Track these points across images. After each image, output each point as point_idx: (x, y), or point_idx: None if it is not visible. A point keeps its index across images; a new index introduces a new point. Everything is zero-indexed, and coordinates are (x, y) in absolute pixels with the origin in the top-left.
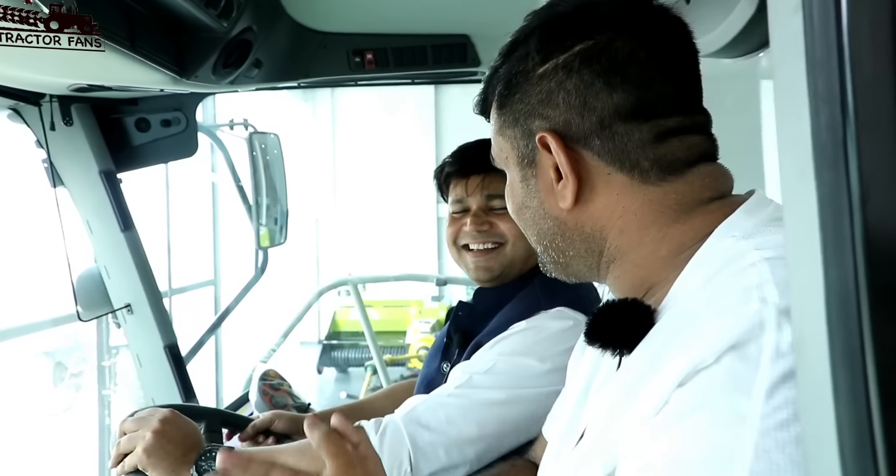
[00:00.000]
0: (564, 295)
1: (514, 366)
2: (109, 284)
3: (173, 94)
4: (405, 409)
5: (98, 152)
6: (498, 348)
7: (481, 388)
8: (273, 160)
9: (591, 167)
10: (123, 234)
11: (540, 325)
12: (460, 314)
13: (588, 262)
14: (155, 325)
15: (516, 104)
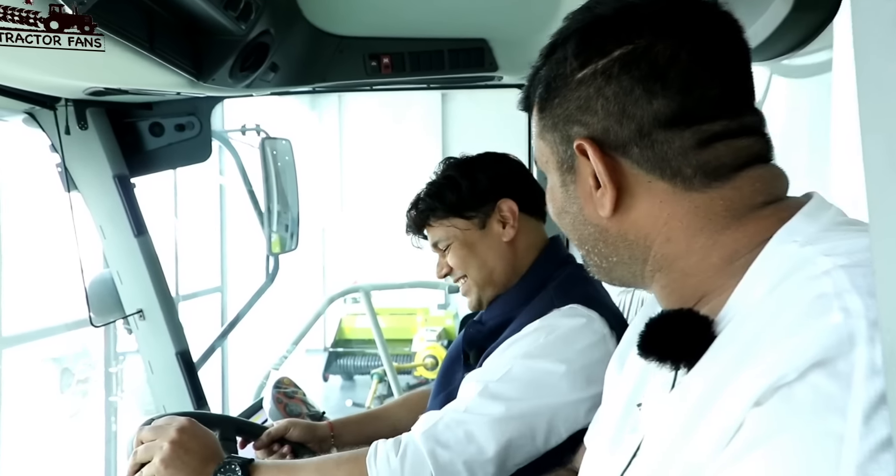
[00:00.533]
0: (577, 292)
1: (530, 370)
2: (122, 290)
3: (187, 99)
4: (423, 426)
5: (112, 157)
6: (512, 351)
7: (498, 400)
8: (285, 166)
9: (631, 175)
10: (136, 240)
11: (553, 324)
12: (471, 332)
13: (632, 269)
14: (167, 332)
15: (555, 109)
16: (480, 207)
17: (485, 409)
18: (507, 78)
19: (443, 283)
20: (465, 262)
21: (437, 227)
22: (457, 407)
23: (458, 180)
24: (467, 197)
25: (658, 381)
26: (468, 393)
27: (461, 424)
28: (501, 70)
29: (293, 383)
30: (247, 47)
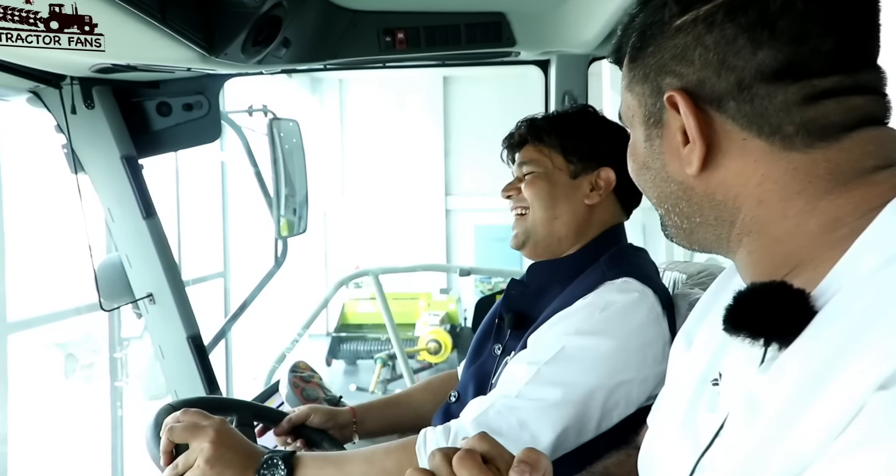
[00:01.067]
0: (629, 266)
1: (583, 349)
2: (131, 273)
3: (195, 77)
4: (473, 412)
5: (119, 137)
6: (562, 327)
7: (553, 384)
8: (293, 148)
9: (724, 131)
10: (145, 222)
11: (606, 299)
12: (513, 293)
13: (717, 231)
14: (178, 315)
15: (648, 58)
16: (585, 161)
17: (538, 393)
18: (525, 53)
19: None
20: (538, 196)
21: (536, 151)
22: (507, 392)
23: (587, 127)
24: (583, 145)
25: (740, 358)
26: (518, 376)
27: (513, 411)
28: (519, 45)
29: (309, 367)
30: (259, 20)
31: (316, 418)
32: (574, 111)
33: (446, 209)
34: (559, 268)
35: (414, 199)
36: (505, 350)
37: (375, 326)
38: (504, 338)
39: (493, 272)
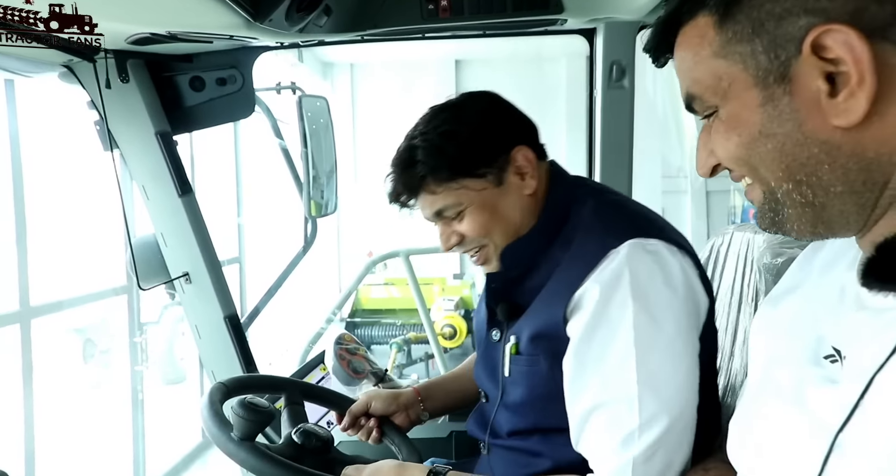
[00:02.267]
0: (624, 223)
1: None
2: (167, 252)
3: (229, 51)
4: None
5: (154, 112)
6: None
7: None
8: (321, 126)
9: (888, 67)
10: (181, 200)
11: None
12: (494, 287)
13: (862, 199)
14: (214, 295)
15: (754, 10)
16: (493, 161)
17: (658, 426)
18: (572, 21)
19: None
20: (488, 227)
21: (443, 193)
22: (628, 440)
23: (457, 132)
24: (476, 150)
25: (868, 327)
26: (624, 417)
27: (653, 457)
28: (567, 12)
29: (354, 339)
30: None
31: (378, 405)
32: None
33: None
34: (530, 242)
35: None
36: (504, 336)
37: (389, 311)
38: (501, 325)
39: None
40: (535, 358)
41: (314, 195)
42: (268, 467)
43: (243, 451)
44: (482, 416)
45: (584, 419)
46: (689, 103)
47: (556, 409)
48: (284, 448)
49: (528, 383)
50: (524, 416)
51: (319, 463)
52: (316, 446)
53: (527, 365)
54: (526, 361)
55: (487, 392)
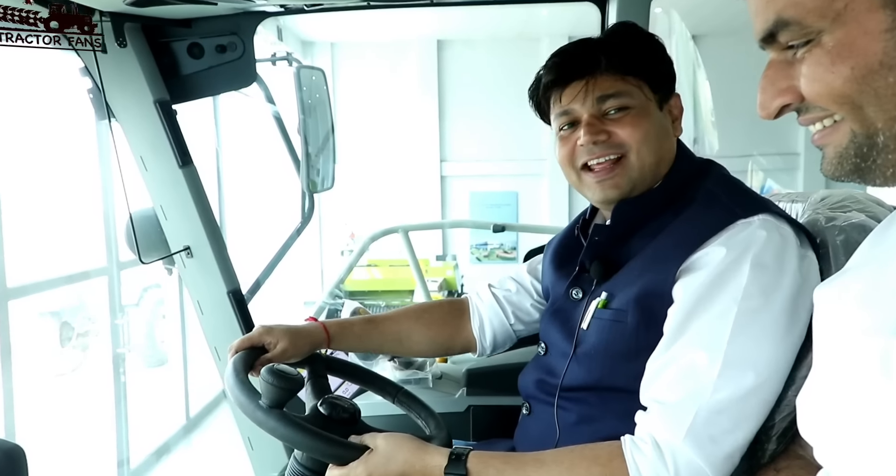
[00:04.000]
0: (757, 200)
1: (755, 315)
2: (167, 226)
3: (229, 16)
4: (676, 427)
5: (152, 79)
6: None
7: (741, 368)
8: (318, 99)
9: None
10: (181, 171)
11: (753, 246)
12: (597, 240)
13: None
14: (217, 269)
15: None
16: (667, 87)
17: (735, 385)
18: None
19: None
20: (646, 136)
21: (623, 81)
22: (701, 392)
23: (657, 47)
24: (663, 70)
25: None
26: (702, 368)
27: (721, 414)
28: None
29: (368, 313)
30: None
31: (284, 345)
32: (627, 29)
33: (441, 175)
34: (648, 201)
35: (409, 165)
36: (588, 298)
37: (372, 293)
38: (585, 284)
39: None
40: (623, 313)
41: (313, 169)
42: (298, 435)
43: (273, 418)
44: (538, 369)
45: (662, 367)
46: (774, 33)
47: (625, 368)
48: (311, 418)
49: (607, 337)
50: (590, 371)
51: (346, 434)
52: (343, 418)
53: (611, 318)
54: (612, 315)
55: (554, 345)
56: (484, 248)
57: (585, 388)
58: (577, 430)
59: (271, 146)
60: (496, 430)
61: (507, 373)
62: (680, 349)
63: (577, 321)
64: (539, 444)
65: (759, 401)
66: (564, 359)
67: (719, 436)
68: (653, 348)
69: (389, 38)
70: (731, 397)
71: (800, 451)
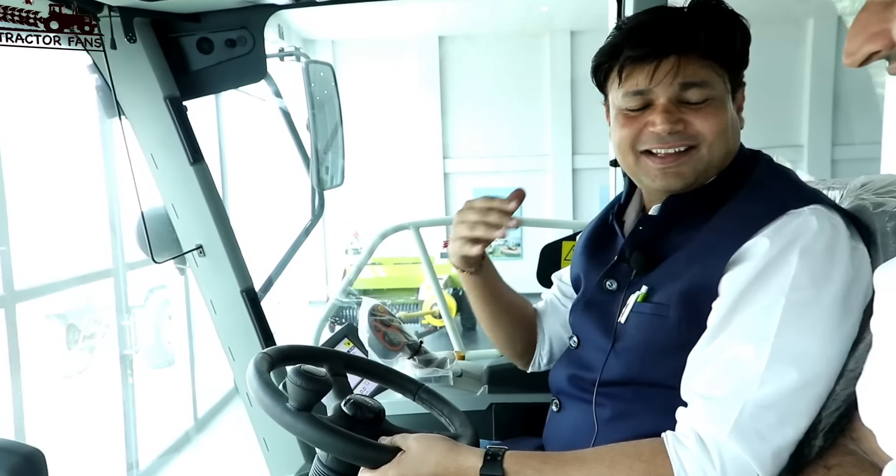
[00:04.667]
0: (807, 190)
1: (805, 306)
2: (178, 224)
3: (239, 9)
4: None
5: (162, 76)
6: (768, 282)
7: (790, 363)
8: (326, 96)
9: None
10: (193, 168)
11: (803, 236)
12: (641, 229)
13: None
14: (230, 268)
15: None
16: (740, 75)
17: (782, 378)
18: None
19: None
20: (721, 130)
21: (708, 68)
22: (747, 385)
23: (746, 27)
24: (741, 56)
25: None
26: (748, 361)
27: (768, 409)
28: None
29: (387, 310)
30: None
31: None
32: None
33: (445, 172)
34: (702, 195)
35: (412, 162)
36: (626, 290)
37: (377, 291)
38: (621, 276)
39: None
40: (665, 307)
41: (320, 167)
42: (330, 438)
43: (302, 422)
44: (571, 363)
45: (705, 360)
46: None
47: (664, 363)
48: (336, 419)
49: (646, 332)
50: (628, 366)
51: (372, 435)
52: (368, 418)
53: (652, 312)
54: (652, 309)
55: (588, 339)
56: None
57: (622, 383)
58: (613, 425)
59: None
60: (520, 428)
61: None
62: (724, 342)
63: (614, 314)
64: (573, 442)
65: (809, 396)
66: (601, 353)
67: (766, 431)
68: (694, 343)
69: (390, 35)
70: (780, 392)
71: (851, 446)
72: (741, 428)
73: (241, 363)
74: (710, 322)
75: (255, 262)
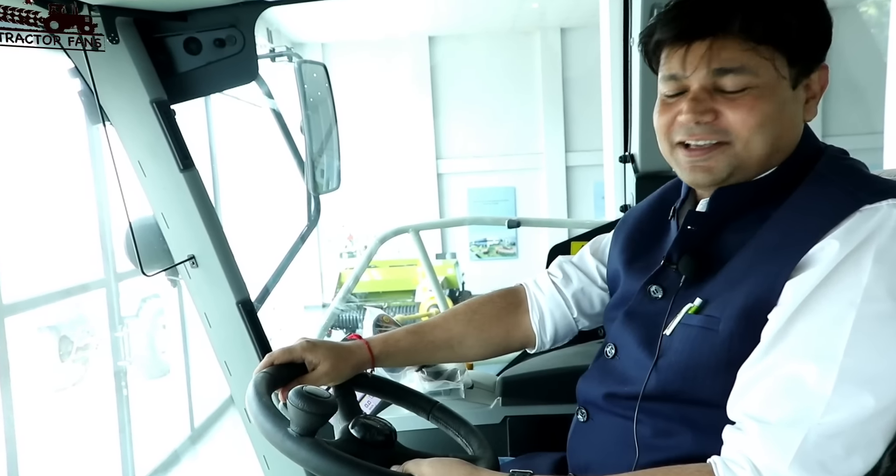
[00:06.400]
0: (880, 181)
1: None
2: (168, 234)
3: (227, 7)
4: (783, 452)
5: (148, 78)
6: (838, 293)
7: (861, 385)
8: (321, 96)
9: None
10: (183, 175)
11: (879, 236)
12: (689, 229)
13: None
14: (225, 279)
15: None
16: (810, 60)
17: (852, 404)
18: None
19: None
20: (763, 124)
21: (749, 52)
22: (811, 411)
23: (815, 8)
24: (813, 37)
25: None
26: (813, 383)
27: (834, 438)
28: None
29: (393, 321)
30: None
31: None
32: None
33: (438, 173)
34: (757, 189)
35: (405, 163)
36: (674, 298)
37: (374, 294)
38: (669, 283)
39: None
40: (716, 320)
41: (315, 171)
42: (336, 467)
43: (305, 448)
44: (605, 375)
45: (757, 377)
46: None
47: (711, 380)
48: (344, 443)
49: (692, 346)
50: (670, 382)
51: (383, 459)
52: (378, 440)
53: (701, 325)
54: (701, 321)
55: (627, 350)
56: (483, 245)
57: (663, 399)
58: (654, 444)
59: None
60: (536, 442)
61: (545, 379)
62: (780, 357)
63: (659, 325)
64: (608, 460)
65: (882, 424)
66: (642, 368)
67: (831, 463)
68: (745, 359)
69: (380, 36)
70: (849, 420)
71: None
72: (803, 459)
73: (239, 378)
74: (764, 334)
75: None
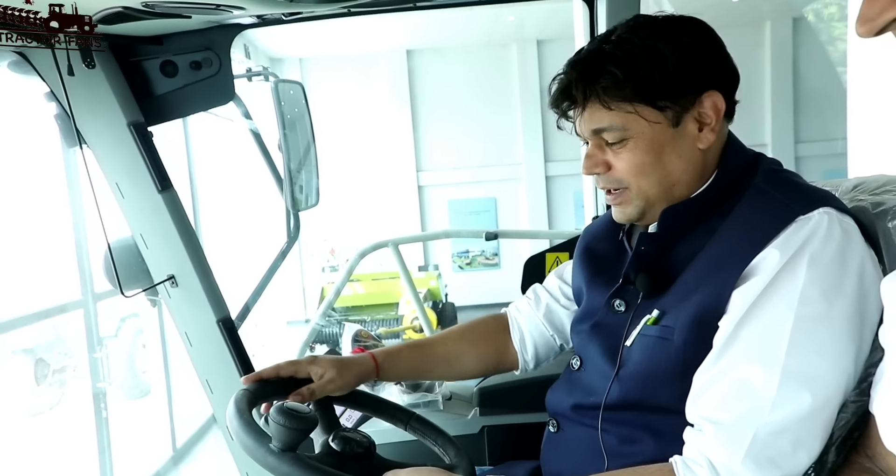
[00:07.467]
0: (814, 192)
1: (815, 321)
2: (148, 255)
3: (203, 30)
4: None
5: (124, 101)
6: (778, 297)
7: (802, 384)
8: (297, 114)
9: None
10: (161, 196)
11: (812, 244)
12: (643, 250)
13: None
14: (205, 298)
15: None
16: (681, 97)
17: (795, 401)
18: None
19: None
20: (644, 169)
21: (614, 111)
22: (758, 410)
23: (663, 52)
24: (672, 79)
25: None
26: (758, 384)
27: (781, 434)
28: None
29: (371, 336)
30: None
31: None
32: (635, 37)
33: (418, 185)
34: (697, 205)
35: (385, 176)
36: (634, 311)
37: (356, 308)
38: (629, 294)
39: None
40: (670, 330)
41: (294, 187)
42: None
43: (287, 463)
44: (572, 386)
45: (711, 381)
46: None
47: (669, 387)
48: (324, 457)
49: (650, 356)
50: (631, 391)
51: (363, 471)
52: (357, 453)
53: (657, 335)
54: (658, 332)
55: (592, 361)
56: (466, 256)
57: (624, 407)
58: (620, 451)
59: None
60: (514, 451)
61: (521, 389)
62: (731, 362)
63: (620, 337)
64: (578, 468)
65: (822, 419)
66: (604, 378)
67: (779, 458)
68: (699, 365)
69: (358, 50)
70: (792, 416)
71: (867, 464)
72: (755, 456)
73: (220, 396)
74: (716, 340)
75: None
